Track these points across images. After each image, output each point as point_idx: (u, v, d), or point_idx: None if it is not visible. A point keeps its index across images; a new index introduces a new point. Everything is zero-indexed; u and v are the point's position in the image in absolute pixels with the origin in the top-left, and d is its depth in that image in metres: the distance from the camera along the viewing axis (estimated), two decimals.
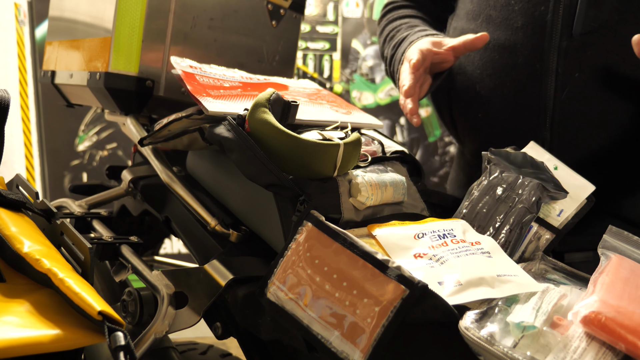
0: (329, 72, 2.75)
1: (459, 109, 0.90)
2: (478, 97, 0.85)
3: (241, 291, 0.60)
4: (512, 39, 0.80)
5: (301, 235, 0.54)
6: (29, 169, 2.36)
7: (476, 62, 0.85)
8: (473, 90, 0.86)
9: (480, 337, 0.46)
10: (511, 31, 0.80)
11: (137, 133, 0.83)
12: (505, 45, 0.81)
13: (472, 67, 0.86)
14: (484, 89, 0.84)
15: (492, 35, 0.82)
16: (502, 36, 0.81)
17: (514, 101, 0.81)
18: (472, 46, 0.80)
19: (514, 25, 0.80)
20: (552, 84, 0.77)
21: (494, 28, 0.82)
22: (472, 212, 0.69)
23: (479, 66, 0.85)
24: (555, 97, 0.77)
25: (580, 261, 0.78)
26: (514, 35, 0.80)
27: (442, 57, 0.82)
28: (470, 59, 0.86)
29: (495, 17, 0.82)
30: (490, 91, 0.83)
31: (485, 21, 0.84)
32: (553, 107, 0.78)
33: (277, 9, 0.98)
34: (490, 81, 0.83)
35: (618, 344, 0.45)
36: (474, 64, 0.86)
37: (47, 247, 0.49)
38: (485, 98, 0.84)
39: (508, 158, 0.72)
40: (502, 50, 0.81)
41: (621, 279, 0.53)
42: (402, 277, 0.47)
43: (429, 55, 0.81)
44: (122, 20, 0.81)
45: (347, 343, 0.48)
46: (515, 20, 0.80)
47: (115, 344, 0.39)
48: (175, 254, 2.59)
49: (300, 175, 0.60)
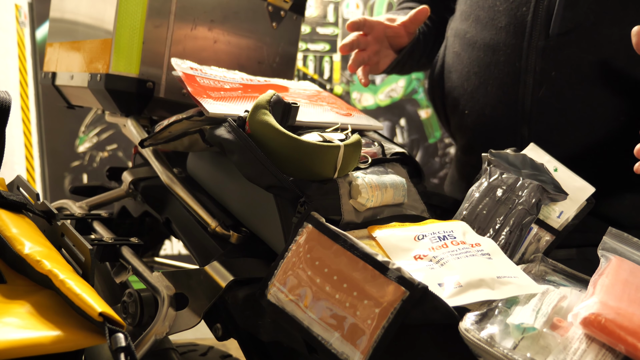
0: (329, 74, 2.75)
1: (450, 107, 0.94)
2: (465, 94, 0.88)
3: (241, 292, 0.61)
4: (495, 39, 0.83)
5: (301, 237, 0.54)
6: (30, 170, 2.37)
7: (465, 60, 0.88)
8: (462, 87, 0.89)
9: (480, 339, 0.46)
10: (495, 31, 0.83)
11: (138, 134, 0.84)
12: (490, 44, 0.84)
13: (461, 66, 0.89)
14: (471, 86, 0.87)
15: (479, 35, 0.85)
16: (487, 36, 0.84)
17: (496, 98, 0.83)
18: (417, 19, 0.92)
19: (498, 25, 0.83)
20: (530, 82, 0.79)
21: (481, 28, 0.85)
22: (472, 214, 0.69)
23: (467, 64, 0.88)
24: (532, 94, 0.79)
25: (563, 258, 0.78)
26: (497, 35, 0.83)
27: (394, 31, 0.95)
28: (460, 57, 0.89)
29: (483, 17, 0.85)
30: (476, 88, 0.86)
31: (475, 21, 0.87)
32: (531, 104, 0.80)
33: (277, 10, 0.98)
34: (476, 79, 0.86)
35: (618, 345, 0.45)
36: (462, 62, 0.89)
37: (47, 248, 0.49)
38: (471, 95, 0.87)
39: (508, 160, 0.72)
40: (487, 49, 0.84)
41: (621, 281, 0.53)
42: (402, 278, 0.48)
43: (377, 25, 0.94)
44: (123, 21, 0.81)
45: (348, 344, 0.48)
46: (500, 20, 0.82)
47: (115, 345, 0.39)
48: (176, 255, 2.59)
49: (300, 176, 0.60)
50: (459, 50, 0.90)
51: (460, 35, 0.90)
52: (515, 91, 0.81)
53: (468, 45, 0.88)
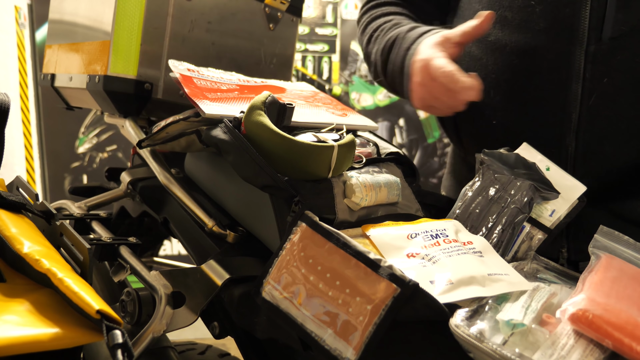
0: (328, 74, 2.76)
1: (465, 116, 0.82)
2: (492, 103, 0.81)
3: (237, 291, 0.61)
4: (533, 43, 0.76)
5: (295, 236, 0.55)
6: (30, 171, 2.37)
7: (490, 66, 0.80)
8: (487, 96, 0.80)
9: (470, 335, 0.47)
10: (532, 34, 0.76)
11: (136, 135, 0.84)
12: (526, 49, 0.76)
13: (485, 72, 0.80)
14: (500, 94, 0.80)
15: (509, 38, 0.78)
16: (521, 39, 0.77)
17: (536, 108, 0.77)
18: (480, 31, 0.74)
19: (535, 27, 0.75)
20: (578, 90, 0.73)
21: (510, 30, 0.78)
22: (465, 213, 0.70)
23: (494, 70, 0.80)
24: (581, 103, 0.73)
25: None
26: (535, 39, 0.75)
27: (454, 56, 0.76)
28: (483, 62, 0.81)
29: (512, 18, 0.77)
30: (508, 97, 0.79)
31: (500, 23, 0.79)
32: (579, 114, 0.74)
33: (274, 12, 0.99)
34: (508, 86, 0.79)
35: (605, 340, 0.46)
36: (487, 69, 0.81)
37: (46, 247, 0.50)
38: (501, 104, 0.80)
39: (501, 159, 0.73)
40: (522, 55, 0.77)
41: (610, 278, 0.54)
42: (393, 276, 0.48)
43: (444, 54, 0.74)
44: (121, 23, 0.82)
45: (340, 341, 0.49)
46: (537, 22, 0.75)
47: (112, 342, 0.40)
48: (175, 255, 2.60)
49: (295, 176, 0.61)
50: (479, 54, 0.81)
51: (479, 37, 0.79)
52: (559, 100, 0.75)
53: (493, 50, 0.79)
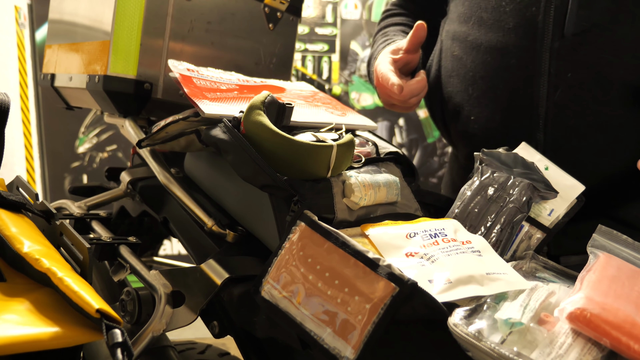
0: (328, 74, 2.76)
1: (451, 113, 0.90)
2: (470, 100, 0.85)
3: (237, 290, 0.62)
4: (503, 41, 0.80)
5: (294, 235, 0.55)
6: (30, 170, 2.38)
7: (468, 64, 0.85)
8: (466, 93, 0.86)
9: (469, 333, 0.47)
10: (503, 33, 0.80)
11: (136, 135, 0.85)
12: (497, 47, 0.81)
13: (464, 70, 0.86)
14: (477, 91, 0.84)
15: (484, 37, 0.82)
16: (494, 38, 0.81)
17: (507, 103, 0.81)
18: (417, 41, 0.84)
19: (506, 26, 0.80)
20: (544, 85, 0.77)
21: (485, 30, 0.82)
22: (464, 212, 0.70)
23: (471, 69, 0.85)
24: (548, 98, 0.77)
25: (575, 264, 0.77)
26: (505, 37, 0.80)
27: (403, 63, 0.88)
28: (463, 62, 0.86)
29: (487, 19, 0.82)
30: (483, 93, 0.83)
31: (477, 23, 0.84)
32: (546, 108, 0.77)
33: (274, 12, 0.99)
34: (483, 83, 0.83)
35: (603, 339, 0.47)
36: (466, 67, 0.86)
37: (46, 247, 0.50)
38: (478, 100, 0.84)
39: (500, 158, 0.74)
40: (495, 52, 0.81)
41: (608, 277, 0.54)
42: (392, 275, 0.49)
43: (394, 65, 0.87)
44: (121, 23, 0.82)
45: (339, 340, 0.49)
46: (507, 21, 0.80)
47: (112, 341, 0.40)
48: (175, 255, 2.60)
49: (294, 176, 0.62)
50: (460, 53, 0.87)
51: (460, 38, 0.87)
52: (528, 95, 0.79)
53: (471, 49, 0.85)
